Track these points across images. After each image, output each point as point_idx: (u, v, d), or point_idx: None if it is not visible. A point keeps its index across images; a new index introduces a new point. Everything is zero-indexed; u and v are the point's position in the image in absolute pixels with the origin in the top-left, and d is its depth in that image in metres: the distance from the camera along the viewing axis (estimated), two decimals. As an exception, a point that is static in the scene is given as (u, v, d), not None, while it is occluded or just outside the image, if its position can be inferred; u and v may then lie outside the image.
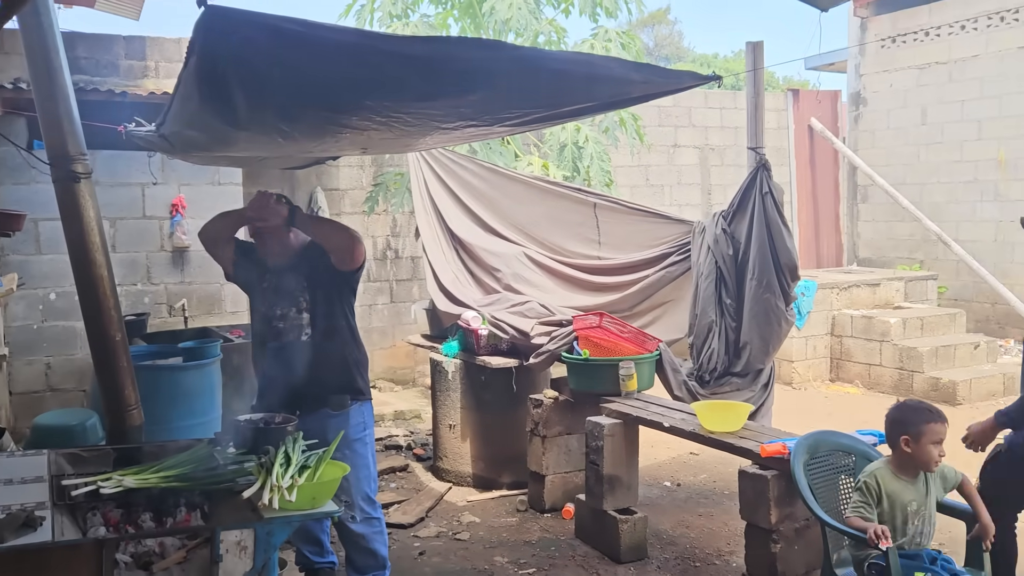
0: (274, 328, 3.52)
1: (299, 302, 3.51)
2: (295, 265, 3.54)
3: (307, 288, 3.51)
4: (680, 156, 10.06)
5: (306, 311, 3.51)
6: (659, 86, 3.12)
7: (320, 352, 3.50)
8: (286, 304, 3.51)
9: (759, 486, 3.50)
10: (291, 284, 3.52)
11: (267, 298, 3.55)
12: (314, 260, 3.54)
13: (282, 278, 3.53)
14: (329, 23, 2.58)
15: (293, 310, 3.51)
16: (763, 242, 4.62)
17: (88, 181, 3.18)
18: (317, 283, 3.51)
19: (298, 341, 3.49)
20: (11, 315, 5.76)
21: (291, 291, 3.51)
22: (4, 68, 6.21)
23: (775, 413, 4.93)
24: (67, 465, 2.98)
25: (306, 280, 3.51)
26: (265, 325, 3.55)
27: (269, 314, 3.54)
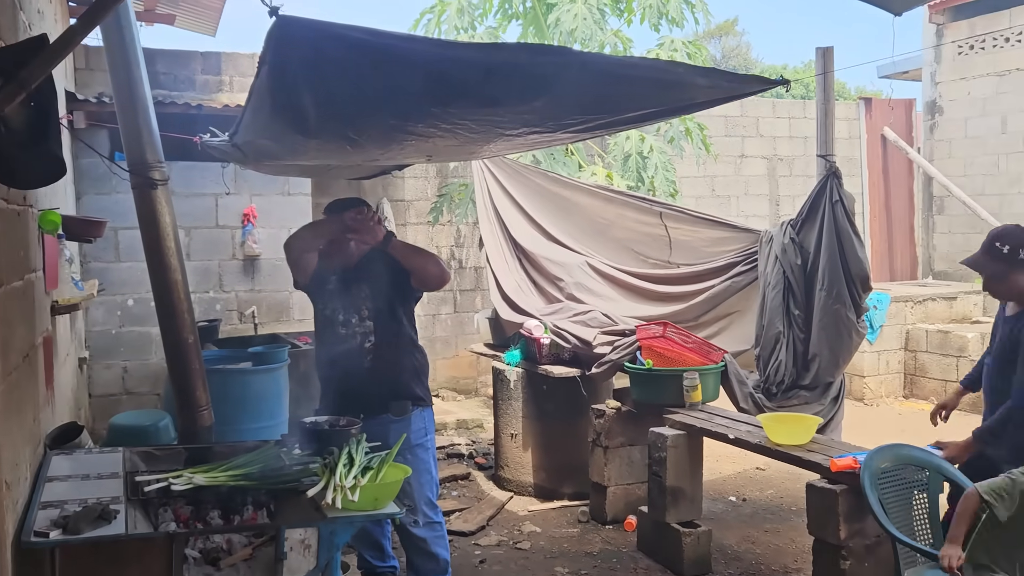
0: (337, 334, 3.57)
1: (362, 310, 3.56)
2: (359, 273, 3.59)
3: (371, 296, 3.55)
4: (747, 166, 9.91)
5: (369, 319, 3.55)
6: (726, 91, 3.08)
7: (382, 359, 3.55)
8: (350, 311, 3.56)
9: (828, 501, 3.40)
10: (355, 292, 3.57)
11: (332, 304, 3.61)
12: (378, 269, 3.57)
13: (346, 285, 3.59)
14: (396, 31, 2.63)
15: (356, 317, 3.55)
16: (833, 252, 4.51)
17: (164, 188, 3.30)
18: (381, 292, 3.56)
19: (361, 348, 3.54)
20: (91, 320, 5.98)
21: (355, 298, 3.57)
22: (89, 83, 6.48)
23: (845, 428, 4.80)
24: (141, 463, 3.08)
25: (370, 288, 3.56)
26: (329, 331, 3.61)
27: (333, 320, 3.59)
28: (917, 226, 10.61)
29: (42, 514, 2.44)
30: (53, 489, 2.68)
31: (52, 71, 2.14)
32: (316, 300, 3.70)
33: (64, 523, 2.33)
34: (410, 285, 3.57)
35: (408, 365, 3.64)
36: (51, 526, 2.33)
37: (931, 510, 3.11)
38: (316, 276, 3.63)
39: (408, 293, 3.62)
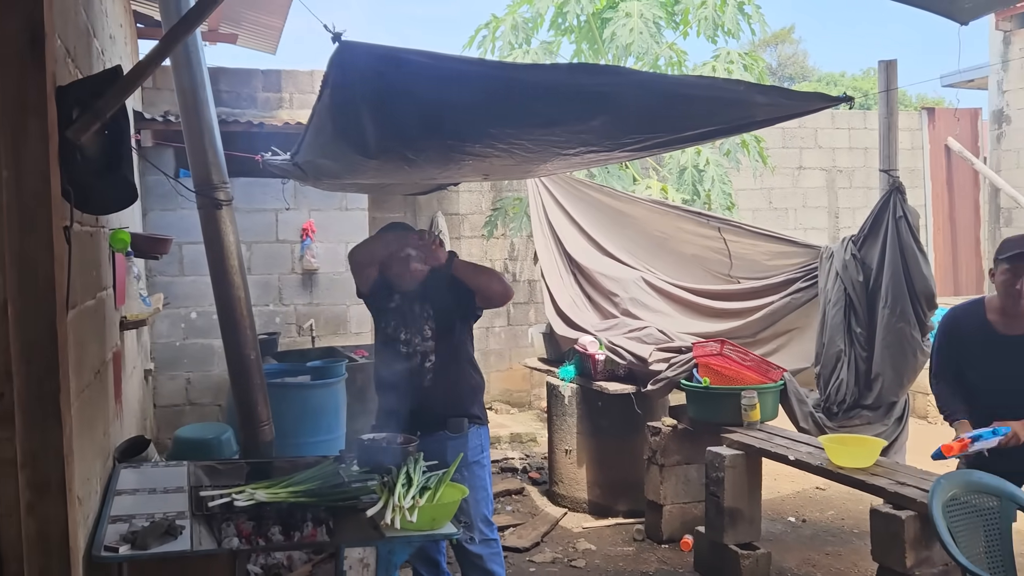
0: (398, 352, 3.60)
1: (424, 330, 3.58)
2: (422, 293, 3.61)
3: (433, 316, 3.58)
4: (805, 178, 9.74)
5: (431, 339, 3.58)
6: (786, 109, 3.04)
7: (441, 377, 3.56)
8: (411, 330, 3.59)
9: (893, 527, 3.31)
10: (417, 310, 3.60)
11: (393, 321, 3.65)
12: (441, 289, 3.59)
13: (409, 303, 3.61)
14: (455, 54, 2.66)
15: (418, 337, 3.58)
16: (897, 268, 4.41)
17: (229, 208, 3.38)
18: (443, 312, 3.58)
19: (421, 367, 3.57)
20: (156, 333, 6.15)
21: (417, 317, 3.59)
22: (155, 103, 6.69)
23: (909, 450, 4.67)
24: (204, 477, 3.15)
25: (432, 308, 3.58)
26: (389, 348, 3.65)
27: (394, 338, 3.63)
28: (983, 239, 10.29)
29: (111, 528, 2.50)
30: (122, 503, 2.76)
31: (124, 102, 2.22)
32: (378, 316, 3.74)
33: (132, 538, 2.39)
34: (473, 303, 3.59)
35: (466, 384, 3.66)
36: (120, 541, 2.39)
37: (1003, 540, 3.00)
38: (378, 291, 3.67)
39: (470, 312, 3.65)
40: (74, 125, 2.02)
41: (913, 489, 3.37)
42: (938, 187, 10.18)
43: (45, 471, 1.99)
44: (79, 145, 2.06)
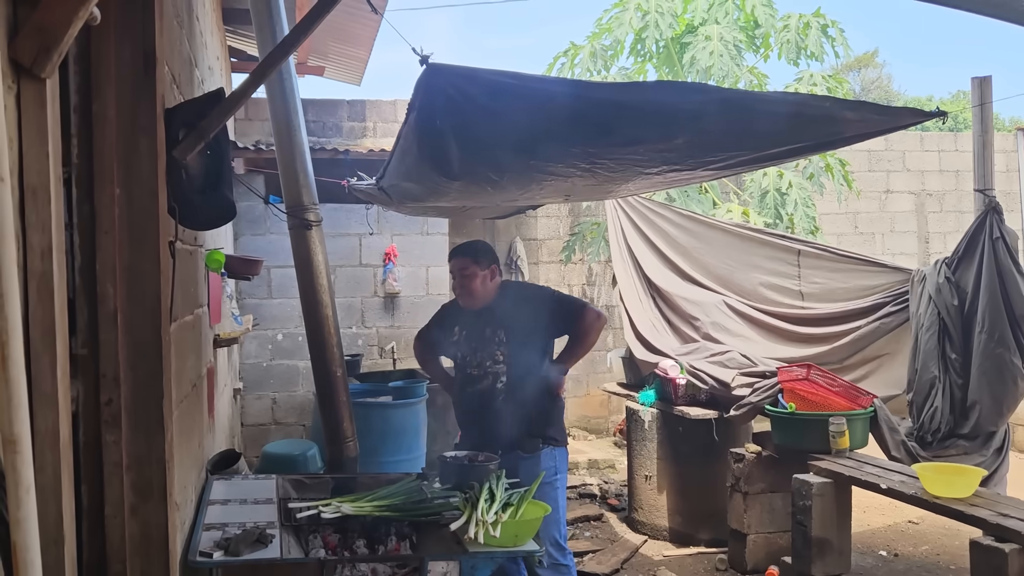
0: (469, 376, 3.66)
1: (495, 353, 3.61)
2: (492, 314, 3.65)
3: (505, 341, 3.60)
4: (893, 202, 9.46)
5: (502, 362, 3.60)
6: (875, 124, 2.97)
7: (513, 400, 3.57)
8: (482, 353, 3.64)
9: (995, 561, 3.15)
10: (488, 333, 3.63)
11: (460, 351, 3.72)
12: (512, 311, 3.64)
13: (479, 326, 3.67)
14: (540, 75, 2.71)
15: (489, 361, 3.61)
16: (994, 291, 4.24)
17: (319, 229, 3.49)
18: (515, 334, 3.60)
19: (493, 387, 3.59)
20: (245, 353, 6.35)
21: (488, 341, 3.63)
22: (247, 132, 6.97)
23: (1010, 483, 4.44)
24: (292, 490, 3.23)
25: (504, 331, 3.61)
26: (460, 371, 3.73)
27: (463, 362, 3.70)
28: (1087, 264, 9.78)
29: (205, 535, 2.59)
30: (214, 512, 2.85)
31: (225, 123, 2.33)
32: (448, 352, 3.86)
33: (226, 545, 2.47)
34: (555, 331, 3.68)
35: (539, 406, 3.64)
36: (214, 547, 2.47)
37: (1118, 576, 2.83)
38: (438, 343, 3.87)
39: (546, 336, 3.69)
40: (180, 145, 2.13)
41: (1017, 521, 3.21)
42: (1036, 211, 9.73)
43: (148, 475, 2.08)
44: (184, 164, 2.17)
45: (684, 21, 7.41)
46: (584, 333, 3.68)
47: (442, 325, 3.86)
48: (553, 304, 3.72)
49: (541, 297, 3.78)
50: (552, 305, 3.70)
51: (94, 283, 1.97)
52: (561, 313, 3.69)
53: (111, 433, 2.01)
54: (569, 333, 3.72)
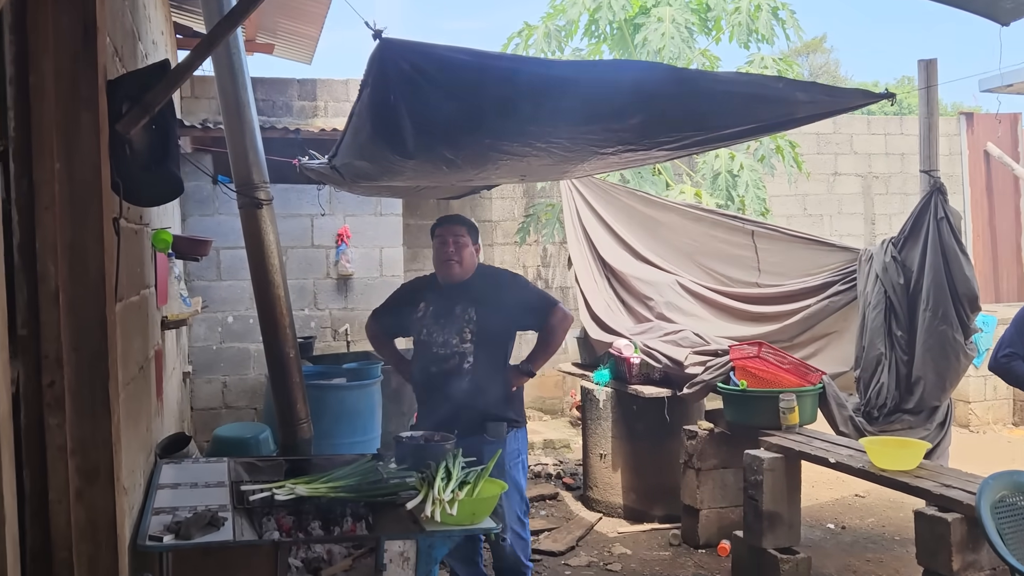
0: (433, 353, 3.61)
1: (464, 332, 3.58)
2: (465, 292, 3.63)
3: (475, 321, 3.57)
4: (841, 185, 9.63)
5: (470, 341, 3.57)
6: (826, 105, 3.01)
7: (479, 381, 3.56)
8: (449, 331, 3.59)
9: (939, 530, 3.25)
10: (458, 311, 3.60)
11: (425, 328, 3.66)
12: (486, 291, 3.62)
13: (447, 304, 3.63)
14: (496, 52, 2.68)
15: (456, 339, 3.57)
16: (938, 270, 4.35)
17: (269, 207, 3.42)
18: (485, 315, 3.59)
19: (459, 367, 3.57)
20: (194, 336, 6.23)
21: (457, 319, 3.59)
22: (194, 111, 6.80)
23: (951, 456, 4.58)
24: (244, 473, 3.18)
25: (474, 310, 3.58)
26: (424, 349, 3.67)
27: (428, 340, 3.64)
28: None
29: (155, 519, 2.54)
30: (164, 496, 2.79)
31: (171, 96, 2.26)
32: (410, 331, 3.79)
33: (176, 528, 2.42)
34: (523, 322, 3.73)
35: (504, 388, 3.65)
36: (164, 531, 2.42)
37: (1054, 542, 2.93)
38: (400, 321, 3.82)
39: (517, 327, 3.74)
40: (124, 119, 2.06)
41: (959, 491, 3.31)
42: (977, 193, 10.01)
43: (94, 459, 2.02)
44: (128, 139, 2.10)
45: (637, 3, 7.42)
46: (552, 330, 3.71)
47: (406, 302, 3.79)
48: (527, 295, 3.75)
49: (516, 284, 3.78)
50: (525, 296, 3.74)
51: (34, 261, 1.90)
52: (533, 306, 3.71)
53: (54, 416, 1.95)
54: (538, 329, 3.74)
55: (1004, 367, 3.72)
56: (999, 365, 3.73)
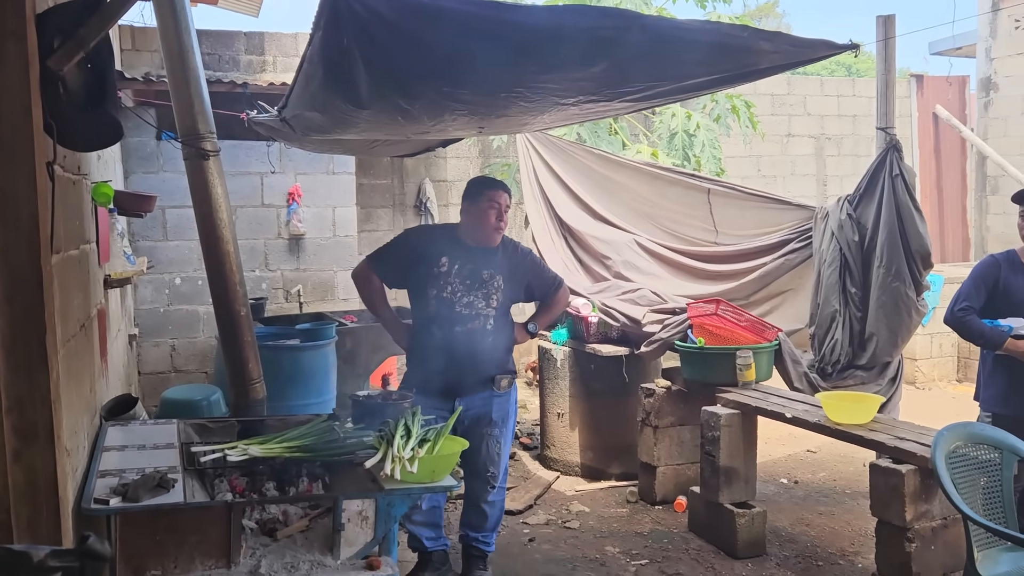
0: (458, 314, 3.59)
1: (490, 297, 3.64)
2: (494, 258, 3.67)
3: (501, 288, 3.65)
4: (794, 146, 9.70)
5: (494, 307, 3.64)
6: (790, 56, 2.96)
7: (497, 342, 3.68)
8: (476, 294, 3.61)
9: (892, 481, 3.30)
10: (486, 276, 3.63)
11: (449, 281, 3.61)
12: (510, 261, 3.71)
13: (477, 267, 3.62)
14: (453, -6, 2.56)
15: (483, 303, 3.62)
16: (893, 227, 4.37)
17: (216, 159, 3.27)
18: (509, 284, 3.68)
19: (482, 329, 3.62)
20: (140, 298, 6.04)
21: (484, 283, 3.62)
22: (135, 64, 6.52)
23: (901, 410, 4.66)
24: (195, 434, 3.08)
25: (502, 278, 3.65)
26: (446, 308, 3.59)
27: (452, 300, 3.60)
28: (970, 207, 10.32)
29: (100, 482, 2.43)
30: (110, 459, 2.68)
31: (108, 32, 2.11)
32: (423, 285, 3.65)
33: (123, 491, 2.32)
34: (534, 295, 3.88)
35: (510, 344, 3.80)
36: (110, 494, 2.32)
37: (1004, 491, 2.99)
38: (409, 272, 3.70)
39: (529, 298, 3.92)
40: (56, 54, 1.91)
41: (913, 444, 3.36)
42: (926, 155, 10.18)
43: (32, 418, 1.91)
44: (61, 76, 1.96)
45: (594, -42, 7.28)
46: (558, 302, 3.94)
47: (419, 253, 3.65)
48: (542, 272, 3.92)
49: (534, 260, 3.94)
50: (541, 273, 3.91)
51: (-40, 206, 1.77)
52: (543, 281, 3.89)
53: (-13, 373, 1.83)
54: (542, 300, 3.93)
55: (960, 320, 3.76)
56: (955, 318, 3.77)
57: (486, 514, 3.75)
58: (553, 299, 3.91)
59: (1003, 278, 3.75)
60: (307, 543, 2.51)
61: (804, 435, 5.04)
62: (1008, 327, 3.63)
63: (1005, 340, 3.64)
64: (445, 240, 3.68)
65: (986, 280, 3.79)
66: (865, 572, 3.75)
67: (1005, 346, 3.64)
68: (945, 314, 3.85)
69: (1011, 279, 3.74)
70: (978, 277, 3.81)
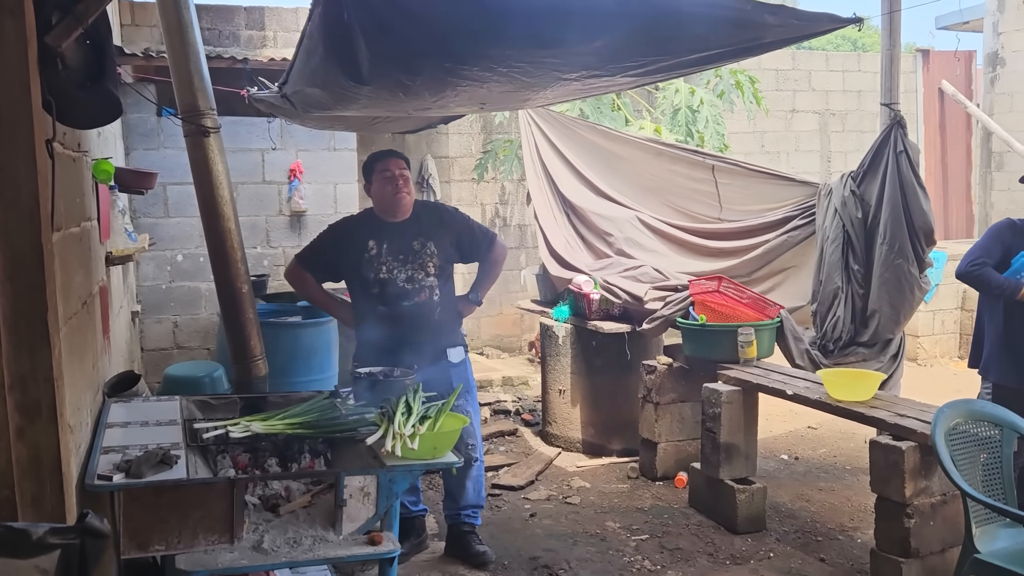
0: (402, 290, 3.61)
1: (427, 266, 3.64)
2: (417, 227, 3.66)
3: (436, 253, 3.65)
4: (798, 122, 9.64)
5: (434, 275, 3.65)
6: (794, 30, 2.93)
7: (445, 312, 3.70)
8: (413, 266, 3.62)
9: (892, 457, 3.31)
10: (418, 247, 3.64)
11: (384, 262, 3.62)
12: (435, 226, 3.70)
13: (405, 240, 3.63)
14: (455, -33, 2.54)
15: (422, 274, 3.63)
16: (896, 204, 4.35)
17: (217, 136, 3.25)
18: (442, 248, 3.68)
19: (429, 302, 3.64)
20: (142, 275, 6.04)
21: (419, 253, 3.63)
22: (135, 40, 6.47)
23: (902, 387, 4.66)
24: (197, 411, 3.09)
25: (434, 244, 3.66)
26: (388, 287, 3.60)
27: (390, 278, 3.60)
28: (974, 183, 10.26)
29: (104, 459, 2.44)
30: (113, 435, 2.69)
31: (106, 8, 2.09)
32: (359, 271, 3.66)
33: (127, 467, 2.33)
34: (470, 255, 3.85)
35: (457, 314, 3.83)
36: (114, 470, 2.33)
37: (1004, 468, 3.00)
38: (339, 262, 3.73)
39: (466, 259, 3.88)
40: (54, 30, 1.90)
41: (913, 420, 3.36)
42: (931, 131, 10.10)
43: (35, 395, 1.92)
44: (60, 53, 1.95)
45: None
46: (496, 262, 3.90)
47: (346, 244, 3.70)
48: (471, 228, 3.86)
49: (460, 218, 3.89)
50: (470, 229, 3.85)
51: (-41, 184, 1.76)
52: (478, 238, 3.85)
53: (-11, 350, 1.84)
54: (480, 260, 3.91)
55: (974, 274, 3.80)
56: (968, 272, 3.82)
57: (468, 490, 3.77)
58: (489, 258, 3.87)
59: (1016, 244, 3.80)
60: (309, 519, 2.53)
61: (805, 412, 5.06)
62: None
63: (1021, 288, 3.70)
64: (367, 225, 3.71)
65: (1002, 239, 3.86)
66: (864, 547, 3.78)
67: (1022, 293, 3.70)
68: (958, 268, 3.89)
69: (1020, 246, 3.79)
70: (995, 235, 3.89)
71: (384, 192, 3.65)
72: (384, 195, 3.65)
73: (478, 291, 3.92)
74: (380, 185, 3.65)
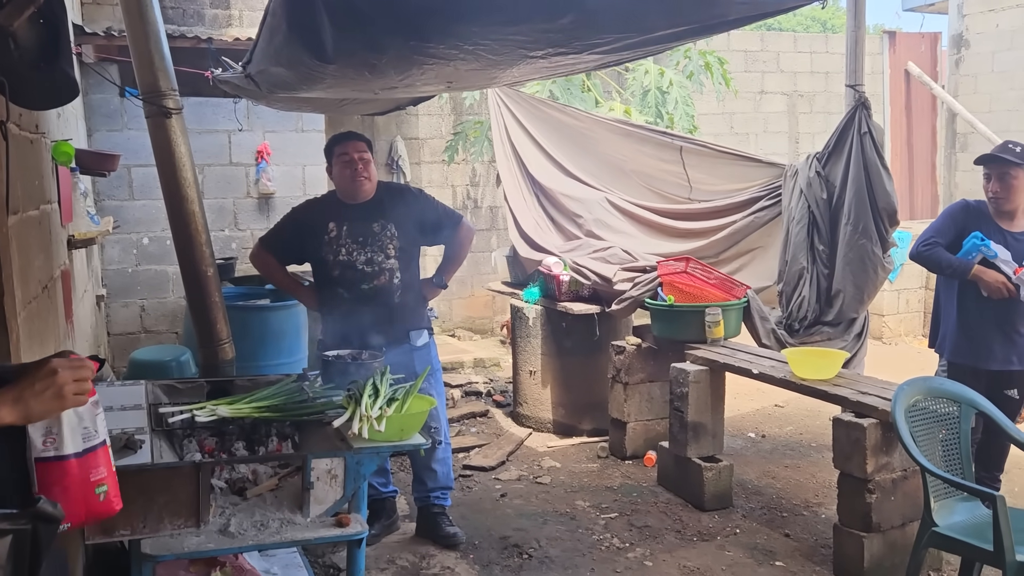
0: (362, 272, 3.59)
1: (387, 248, 3.62)
2: (379, 209, 3.64)
3: (397, 235, 3.63)
4: (767, 103, 9.69)
5: (395, 257, 3.62)
6: (762, 7, 2.93)
7: (407, 295, 3.68)
8: (373, 248, 3.60)
9: (855, 434, 3.37)
10: (377, 229, 3.62)
11: (344, 244, 3.61)
12: (398, 208, 3.67)
13: (365, 222, 3.61)
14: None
15: (382, 256, 3.61)
16: (860, 185, 4.41)
17: (179, 117, 3.21)
18: (404, 231, 3.65)
19: (390, 284, 3.62)
20: (107, 258, 5.96)
21: (378, 236, 3.61)
22: (96, 18, 6.34)
23: (866, 366, 4.74)
24: (163, 395, 3.06)
25: (395, 226, 3.63)
26: (348, 270, 3.60)
27: (350, 260, 3.59)
28: (939, 164, 10.40)
29: (67, 444, 2.41)
30: (77, 420, 2.66)
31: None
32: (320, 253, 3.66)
33: (90, 452, 2.30)
34: (434, 237, 3.82)
35: (421, 296, 3.82)
36: (77, 455, 2.31)
37: (962, 444, 3.07)
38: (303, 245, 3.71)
39: (430, 241, 3.85)
40: (5, 8, 1.86)
41: (875, 398, 3.43)
42: (896, 112, 10.21)
43: (-8, 380, 1.89)
44: (12, 32, 1.90)
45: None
46: (461, 244, 3.88)
47: (307, 227, 3.69)
48: (435, 209, 3.84)
49: (424, 199, 3.86)
50: (434, 210, 3.83)
51: (-91, 166, 1.73)
52: (442, 220, 3.83)
53: (-56, 335, 1.81)
54: (446, 243, 3.90)
55: (925, 254, 3.88)
56: (919, 253, 3.91)
57: (436, 472, 3.78)
58: (455, 240, 3.85)
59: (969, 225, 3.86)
60: (277, 502, 2.53)
61: (772, 390, 5.11)
62: (994, 253, 3.72)
63: (972, 268, 3.74)
64: (328, 207, 3.71)
65: (956, 220, 3.93)
66: (828, 523, 3.85)
67: (972, 273, 3.75)
68: (911, 248, 3.96)
69: (973, 228, 3.84)
70: (948, 216, 3.96)
71: (343, 176, 3.64)
72: (343, 179, 3.64)
73: (443, 274, 3.90)
74: (339, 169, 3.64)
